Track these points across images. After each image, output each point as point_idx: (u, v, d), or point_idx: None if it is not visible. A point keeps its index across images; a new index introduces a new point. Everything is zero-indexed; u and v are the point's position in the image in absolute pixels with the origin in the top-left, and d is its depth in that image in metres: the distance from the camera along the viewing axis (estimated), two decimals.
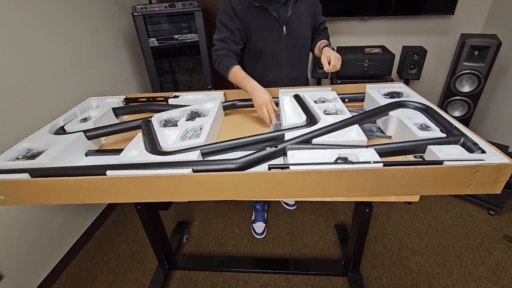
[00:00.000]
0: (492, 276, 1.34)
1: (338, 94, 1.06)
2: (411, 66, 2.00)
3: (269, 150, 0.72)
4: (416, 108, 0.88)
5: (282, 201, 1.75)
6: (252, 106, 1.12)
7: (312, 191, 0.64)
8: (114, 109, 1.09)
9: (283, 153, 0.73)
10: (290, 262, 1.48)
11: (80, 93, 1.59)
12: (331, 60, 1.02)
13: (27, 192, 0.69)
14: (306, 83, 1.40)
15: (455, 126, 0.76)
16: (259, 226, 1.70)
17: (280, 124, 0.96)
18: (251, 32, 1.16)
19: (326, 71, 1.04)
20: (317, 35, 1.30)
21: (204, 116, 0.96)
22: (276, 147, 0.73)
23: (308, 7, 1.20)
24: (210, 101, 1.05)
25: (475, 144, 0.69)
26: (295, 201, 1.79)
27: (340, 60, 1.04)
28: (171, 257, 1.49)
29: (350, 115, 0.86)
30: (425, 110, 0.86)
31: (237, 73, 1.09)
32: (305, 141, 0.76)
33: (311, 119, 0.87)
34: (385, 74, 1.97)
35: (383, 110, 0.88)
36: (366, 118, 0.87)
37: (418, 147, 0.71)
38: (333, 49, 1.11)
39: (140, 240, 1.66)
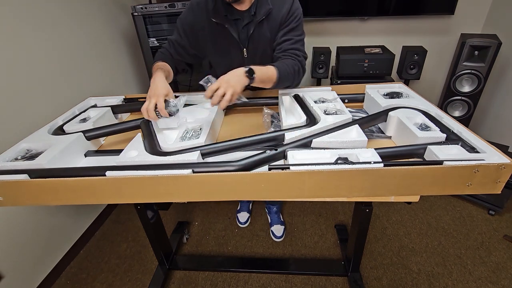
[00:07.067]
0: (492, 276, 1.34)
1: (338, 95, 1.06)
2: (411, 66, 2.00)
3: (268, 153, 0.72)
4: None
5: (271, 231, 1.64)
6: (253, 105, 1.12)
7: (312, 191, 0.64)
8: (113, 107, 1.09)
9: (282, 155, 0.73)
10: (290, 262, 1.48)
11: (80, 93, 1.58)
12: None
13: (26, 193, 0.69)
14: None
15: (452, 131, 0.76)
16: (243, 216, 1.72)
17: (280, 124, 0.96)
18: (209, 49, 1.09)
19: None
20: (277, 58, 1.04)
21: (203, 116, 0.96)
22: (276, 149, 0.73)
23: (274, 26, 1.05)
24: (210, 101, 1.05)
25: (473, 148, 0.69)
26: (283, 233, 1.62)
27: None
28: (171, 257, 1.49)
29: (350, 115, 0.86)
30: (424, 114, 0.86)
31: (155, 66, 1.00)
32: (305, 145, 0.75)
33: (311, 119, 0.87)
34: (385, 74, 1.97)
35: (381, 115, 0.89)
36: (364, 124, 0.87)
37: (417, 151, 0.71)
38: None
39: (140, 240, 1.66)
